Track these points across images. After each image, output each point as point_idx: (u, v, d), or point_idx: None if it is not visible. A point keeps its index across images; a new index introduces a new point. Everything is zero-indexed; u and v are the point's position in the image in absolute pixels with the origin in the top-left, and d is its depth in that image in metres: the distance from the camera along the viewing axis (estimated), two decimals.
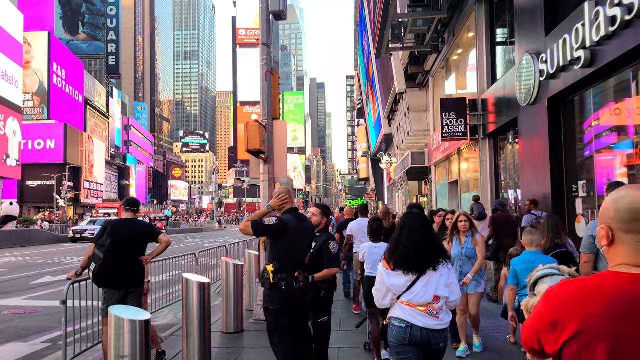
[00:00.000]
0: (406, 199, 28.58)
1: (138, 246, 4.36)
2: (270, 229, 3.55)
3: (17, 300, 8.51)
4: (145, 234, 4.42)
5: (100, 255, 4.16)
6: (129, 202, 4.62)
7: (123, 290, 4.29)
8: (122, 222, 4.42)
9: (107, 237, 4.23)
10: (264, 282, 3.62)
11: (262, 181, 6.43)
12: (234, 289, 5.76)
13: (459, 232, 4.90)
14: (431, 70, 17.87)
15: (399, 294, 2.66)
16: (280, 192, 3.81)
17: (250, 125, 5.87)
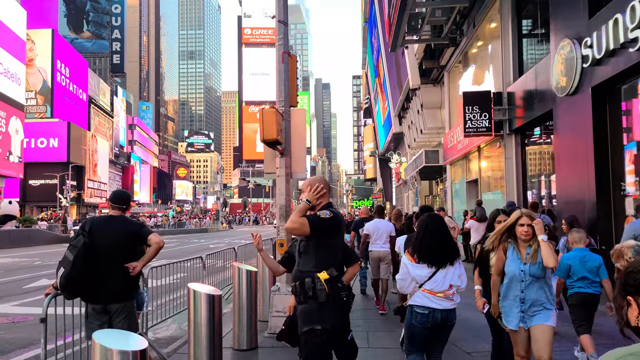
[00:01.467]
0: (416, 199, 27.79)
1: (122, 250, 3.49)
2: (328, 225, 2.85)
3: (7, 306, 7.82)
4: (131, 235, 3.53)
5: (69, 259, 3.28)
6: (116, 197, 3.69)
7: (102, 304, 3.47)
8: (104, 220, 3.59)
9: (82, 236, 3.40)
10: (313, 295, 2.81)
11: (278, 176, 5.70)
12: (247, 298, 5.02)
13: (515, 240, 3.26)
14: (447, 65, 17.11)
15: (421, 282, 3.28)
16: (316, 183, 3.02)
17: (266, 112, 5.14)
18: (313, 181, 3.05)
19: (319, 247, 2.88)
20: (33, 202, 48.91)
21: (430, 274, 3.24)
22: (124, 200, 3.73)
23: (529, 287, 3.20)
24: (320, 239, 2.85)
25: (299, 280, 2.91)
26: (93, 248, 3.39)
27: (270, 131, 5.12)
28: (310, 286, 2.82)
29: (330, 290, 2.80)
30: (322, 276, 2.82)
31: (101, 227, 3.53)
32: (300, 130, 5.90)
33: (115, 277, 3.46)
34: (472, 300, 3.97)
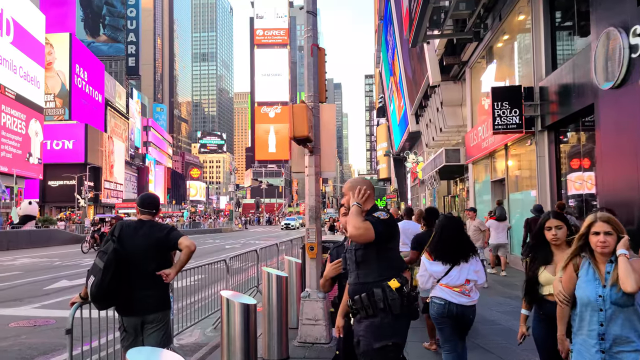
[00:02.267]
0: (434, 199, 27.30)
1: (153, 256, 3.25)
2: (391, 227, 2.59)
3: (28, 308, 7.66)
4: (159, 240, 3.26)
5: (100, 266, 3.04)
6: (144, 201, 3.43)
7: (137, 317, 3.23)
8: (133, 225, 3.35)
9: (112, 242, 3.16)
10: (385, 307, 2.48)
11: (307, 175, 5.40)
12: (278, 306, 4.73)
13: (592, 253, 2.49)
14: (469, 61, 16.64)
15: (438, 278, 3.59)
16: (358, 185, 2.71)
17: (297, 107, 4.85)
18: (355, 183, 2.74)
19: (381, 253, 2.57)
20: (52, 202, 49.55)
21: (446, 270, 3.57)
22: (153, 204, 3.46)
23: (612, 319, 2.37)
24: (382, 244, 2.54)
25: (362, 292, 2.54)
26: (124, 254, 3.14)
27: (301, 128, 4.82)
28: (380, 297, 2.49)
29: (403, 300, 2.51)
30: (393, 284, 2.51)
31: (130, 232, 3.29)
32: (330, 127, 5.59)
33: (149, 285, 3.21)
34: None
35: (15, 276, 11.71)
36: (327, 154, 5.52)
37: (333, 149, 5.59)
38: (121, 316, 3.29)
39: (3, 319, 6.89)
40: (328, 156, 5.53)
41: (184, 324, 5.55)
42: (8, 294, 9.04)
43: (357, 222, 2.49)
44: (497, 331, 5.76)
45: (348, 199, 2.71)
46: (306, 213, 5.45)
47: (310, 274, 5.34)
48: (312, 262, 5.33)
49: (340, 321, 2.94)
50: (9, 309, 7.62)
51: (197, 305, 6.12)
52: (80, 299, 3.26)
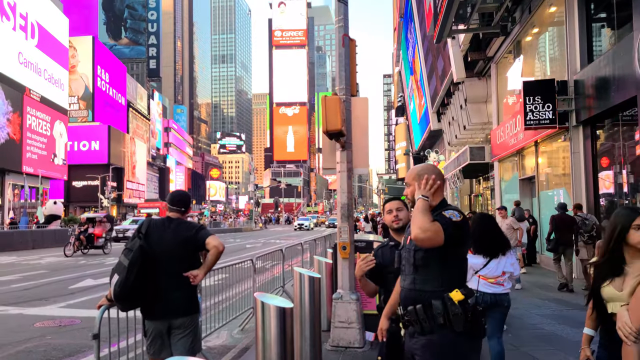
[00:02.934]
0: (457, 198, 26.76)
1: (180, 256, 3.06)
2: (463, 230, 2.16)
3: (53, 308, 7.64)
4: (186, 239, 3.07)
5: (124, 264, 2.87)
6: (174, 199, 3.25)
7: (163, 321, 3.03)
8: (160, 223, 3.16)
9: (138, 239, 3.00)
10: (446, 322, 2.10)
11: (339, 171, 5.18)
12: (311, 309, 4.51)
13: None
14: (495, 56, 16.19)
15: (477, 270, 3.83)
16: (425, 173, 2.27)
17: (330, 100, 4.63)
18: (422, 170, 2.31)
19: (446, 259, 2.16)
20: (76, 202, 50.51)
21: (485, 263, 3.83)
22: (183, 201, 3.27)
23: None
24: (450, 248, 2.13)
25: (418, 302, 2.17)
26: (150, 252, 2.96)
27: (334, 121, 4.60)
28: (440, 311, 2.10)
29: (467, 315, 2.10)
30: (456, 296, 2.11)
31: (158, 230, 3.10)
32: (362, 121, 5.36)
33: (176, 287, 3.02)
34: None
35: (41, 275, 11.80)
36: (359, 149, 5.29)
37: (366, 144, 5.35)
38: (145, 320, 3.10)
39: (29, 319, 6.86)
40: (361, 151, 5.30)
41: (212, 325, 5.38)
42: (34, 293, 9.06)
43: (424, 222, 2.07)
44: (541, 336, 5.45)
45: (412, 191, 2.30)
46: (338, 211, 5.22)
47: (342, 275, 5.11)
48: (345, 262, 5.10)
49: (385, 323, 2.64)
50: (34, 308, 7.60)
51: (224, 305, 5.96)
52: (107, 301, 3.11)
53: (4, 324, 6.61)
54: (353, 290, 5.07)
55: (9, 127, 32.28)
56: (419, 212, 2.14)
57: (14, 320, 6.80)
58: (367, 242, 5.47)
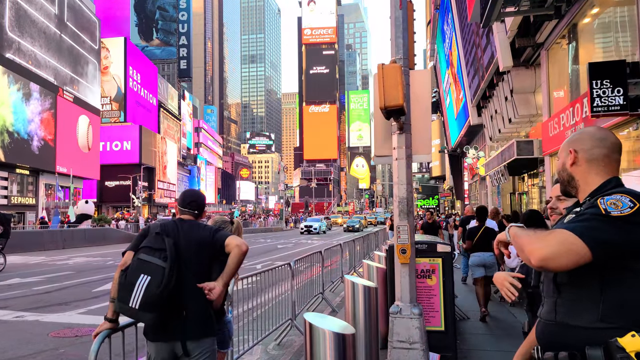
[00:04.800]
0: (499, 197, 25.28)
1: (195, 264, 2.44)
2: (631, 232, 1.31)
3: (72, 314, 7.03)
4: (203, 241, 2.47)
5: (156, 263, 2.29)
6: (185, 199, 2.67)
7: (169, 343, 2.37)
8: (172, 225, 2.53)
9: (163, 236, 2.44)
10: None
11: (396, 159, 4.26)
12: (366, 324, 3.63)
13: None
14: (545, 42, 14.85)
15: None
16: (583, 142, 1.53)
17: (389, 69, 3.72)
18: (580, 137, 1.56)
19: (613, 277, 1.36)
20: (109, 202, 51.30)
21: None
22: (197, 203, 2.67)
23: None
24: (614, 260, 1.33)
25: (561, 345, 1.39)
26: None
27: (394, 95, 3.68)
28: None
29: None
30: (632, 344, 1.24)
31: (170, 232, 2.51)
32: (423, 99, 4.43)
33: (187, 302, 2.35)
34: None
35: (66, 276, 11.37)
36: (420, 132, 4.36)
37: (427, 126, 4.42)
38: (149, 342, 2.42)
39: (44, 327, 6.25)
40: (421, 135, 4.37)
41: (243, 339, 4.55)
42: (55, 297, 8.54)
43: (533, 240, 1.37)
44: None
45: (563, 163, 1.57)
46: (395, 207, 4.31)
47: (402, 284, 4.19)
48: (404, 269, 4.17)
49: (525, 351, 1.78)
50: (52, 314, 7.02)
51: (257, 314, 5.09)
52: (109, 323, 2.33)
53: (17, 332, 6.01)
54: (414, 302, 4.15)
55: (43, 128, 32.81)
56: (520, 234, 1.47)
57: (29, 329, 6.21)
58: (429, 244, 4.55)
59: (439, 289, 4.41)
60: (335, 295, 8.57)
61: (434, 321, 4.34)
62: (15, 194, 31.11)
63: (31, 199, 32.85)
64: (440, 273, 4.41)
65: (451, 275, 4.44)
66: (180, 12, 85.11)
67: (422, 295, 4.44)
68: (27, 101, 31.08)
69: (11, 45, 29.63)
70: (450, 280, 4.41)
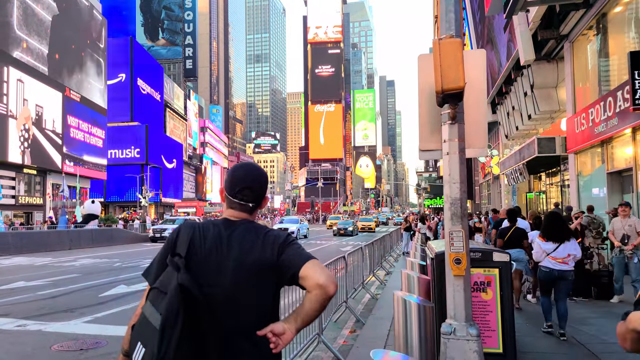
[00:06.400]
0: (514, 197, 24.58)
1: (249, 297, 1.58)
2: None
3: (78, 323, 6.51)
4: (263, 264, 1.59)
5: (153, 324, 1.46)
6: (235, 184, 1.69)
7: None
8: (213, 231, 1.65)
9: (174, 267, 1.55)
10: None
11: (447, 153, 3.69)
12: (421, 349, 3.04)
13: None
14: (570, 34, 14.18)
15: (548, 252, 5.45)
16: None
17: (447, 45, 3.15)
18: None
19: None
20: (115, 202, 51.00)
21: (555, 247, 5.41)
22: (251, 191, 1.68)
23: None
24: None
25: None
26: (198, 295, 1.50)
27: (454, 76, 3.11)
28: None
29: None
30: None
31: (208, 247, 1.61)
32: (478, 83, 3.85)
33: (239, 354, 1.54)
34: None
35: (72, 280, 10.87)
36: (474, 123, 3.78)
37: (482, 116, 3.84)
38: None
39: (47, 339, 5.73)
40: (476, 125, 3.79)
41: None
42: (60, 303, 8.03)
43: None
44: None
45: None
46: (446, 209, 3.73)
47: (455, 299, 3.60)
48: (458, 281, 3.59)
49: None
50: (56, 323, 6.50)
51: None
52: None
53: (18, 345, 5.49)
54: (470, 320, 3.57)
55: (50, 128, 32.47)
56: None
57: (31, 340, 5.69)
58: (484, 252, 3.96)
59: (495, 304, 3.83)
60: (357, 302, 8.02)
61: (491, 342, 3.76)
62: (23, 194, 30.80)
63: (39, 199, 32.54)
64: (497, 286, 3.83)
65: (509, 288, 3.86)
66: (186, 12, 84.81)
67: (476, 312, 3.86)
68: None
69: (19, 43, 29.29)
70: (508, 293, 3.83)
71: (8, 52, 28.22)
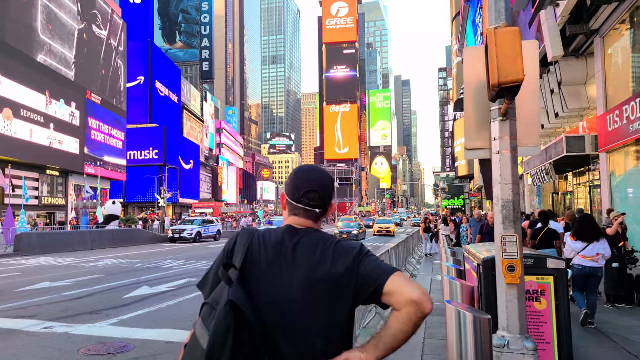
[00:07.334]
0: (539, 198, 23.99)
1: (320, 316, 1.37)
2: None
3: (104, 325, 6.42)
4: (335, 281, 1.36)
5: (202, 345, 1.30)
6: (300, 187, 1.49)
7: None
8: (275, 241, 1.44)
9: (227, 281, 1.37)
10: None
11: (498, 152, 3.45)
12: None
13: None
14: (601, 29, 13.70)
15: (578, 251, 6.07)
16: None
17: (504, 34, 2.91)
18: None
19: None
20: (134, 202, 51.61)
21: (584, 247, 6.02)
22: (319, 195, 1.49)
23: None
24: None
25: None
26: (255, 314, 1.33)
27: (512, 68, 2.87)
28: None
29: None
30: None
31: (269, 256, 1.41)
32: (530, 77, 3.58)
33: None
34: None
35: (96, 280, 10.87)
36: (527, 120, 3.53)
37: (535, 111, 3.58)
38: None
39: (74, 342, 5.64)
40: (528, 122, 3.53)
41: None
42: (85, 304, 7.98)
43: None
44: None
45: None
46: (496, 213, 3.48)
47: (508, 309, 3.36)
48: (511, 290, 3.34)
49: None
50: (83, 325, 6.42)
51: None
52: None
53: (45, 349, 5.41)
54: (525, 333, 3.32)
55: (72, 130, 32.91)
56: None
57: (58, 343, 5.61)
58: (537, 258, 3.70)
59: (550, 314, 3.56)
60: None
61: (545, 356, 3.50)
62: (46, 195, 31.31)
63: (61, 200, 33.04)
64: (552, 295, 3.56)
65: (566, 297, 3.58)
66: (203, 15, 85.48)
67: (529, 323, 3.60)
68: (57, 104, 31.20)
69: (42, 47, 29.76)
70: (565, 304, 3.56)
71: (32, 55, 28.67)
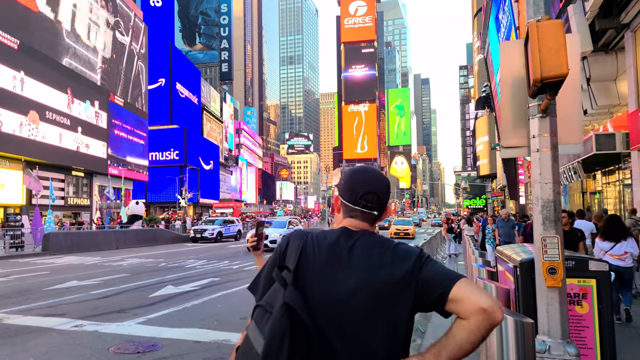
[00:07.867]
0: (565, 197, 23.41)
1: (376, 323, 1.30)
2: None
3: (132, 324, 6.49)
4: (393, 286, 1.30)
5: (257, 349, 1.26)
6: (356, 189, 1.45)
7: None
8: (328, 242, 1.39)
9: (282, 282, 1.34)
10: None
11: (537, 150, 3.33)
12: None
13: None
14: (632, 23, 13.27)
15: (606, 250, 6.23)
16: None
17: (546, 27, 2.79)
18: None
19: None
20: (156, 203, 52.41)
21: (611, 246, 6.18)
22: (377, 196, 1.44)
23: None
24: None
25: None
26: (306, 318, 1.27)
27: (556, 62, 2.75)
28: None
29: None
30: None
31: (322, 261, 1.36)
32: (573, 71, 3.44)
33: None
34: None
35: (122, 279, 11.03)
36: (568, 115, 3.39)
37: (577, 107, 3.45)
38: None
39: (104, 340, 5.72)
40: (569, 118, 3.40)
41: None
42: (112, 303, 8.09)
43: None
44: None
45: None
46: (536, 213, 3.36)
47: (549, 313, 3.23)
48: (552, 293, 3.22)
49: None
50: (111, 324, 6.51)
51: None
52: None
53: (76, 347, 5.49)
54: (567, 337, 3.19)
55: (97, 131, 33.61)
56: None
57: (88, 342, 5.69)
58: (578, 260, 3.56)
59: (592, 319, 3.42)
60: None
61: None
62: (72, 195, 32.08)
63: (86, 200, 33.79)
64: (595, 298, 3.42)
65: (609, 301, 3.44)
66: (222, 16, 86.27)
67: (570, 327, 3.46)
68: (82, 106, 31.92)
69: (67, 50, 30.47)
70: (608, 308, 3.41)
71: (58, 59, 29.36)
